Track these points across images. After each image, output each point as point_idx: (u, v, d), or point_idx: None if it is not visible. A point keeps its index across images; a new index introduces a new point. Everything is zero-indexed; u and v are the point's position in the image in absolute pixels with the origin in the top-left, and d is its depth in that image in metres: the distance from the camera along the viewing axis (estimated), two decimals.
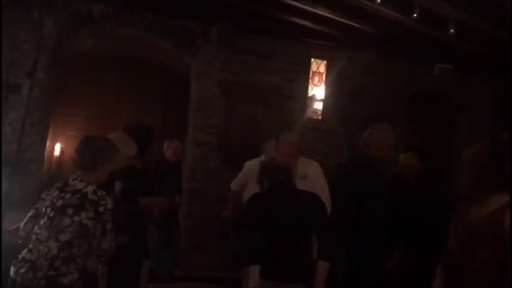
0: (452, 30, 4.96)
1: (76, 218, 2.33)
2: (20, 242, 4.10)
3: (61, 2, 5.13)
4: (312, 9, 5.27)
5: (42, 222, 2.39)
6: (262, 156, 3.71)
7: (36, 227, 2.40)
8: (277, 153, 3.27)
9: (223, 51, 5.81)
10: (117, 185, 3.12)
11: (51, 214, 2.37)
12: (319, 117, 6.31)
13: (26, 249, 2.39)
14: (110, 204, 2.43)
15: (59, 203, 2.38)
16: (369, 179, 3.01)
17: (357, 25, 5.54)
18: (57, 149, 6.16)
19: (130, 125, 3.68)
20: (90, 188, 2.40)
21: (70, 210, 2.35)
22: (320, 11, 5.29)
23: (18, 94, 4.92)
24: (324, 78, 6.35)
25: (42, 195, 2.50)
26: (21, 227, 2.48)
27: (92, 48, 6.01)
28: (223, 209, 4.38)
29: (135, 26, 5.48)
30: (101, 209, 2.38)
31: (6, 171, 4.71)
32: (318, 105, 6.32)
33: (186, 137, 6.00)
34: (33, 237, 2.38)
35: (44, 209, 2.42)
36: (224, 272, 4.54)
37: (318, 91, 6.31)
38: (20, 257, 2.38)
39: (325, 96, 6.30)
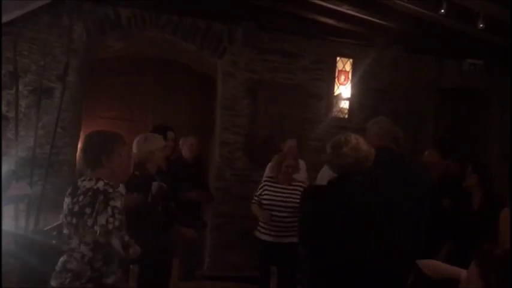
0: (481, 25, 4.85)
1: (95, 215, 2.29)
2: (53, 241, 4.25)
3: (90, 7, 5.25)
4: (337, 8, 5.25)
5: (68, 231, 2.40)
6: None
7: (66, 238, 2.41)
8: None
9: (248, 51, 5.84)
10: (154, 186, 3.18)
11: (74, 221, 2.35)
12: (346, 116, 6.27)
13: (62, 260, 2.39)
14: (121, 189, 2.41)
15: (76, 208, 2.35)
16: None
17: (382, 22, 5.49)
18: None
19: (153, 128, 3.80)
20: (100, 183, 2.36)
21: (88, 210, 2.31)
22: (345, 9, 5.27)
23: (50, 98, 5.07)
24: (350, 76, 6.30)
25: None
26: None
27: (120, 51, 6.13)
28: (250, 208, 4.41)
29: (161, 28, 5.56)
30: (112, 202, 2.30)
31: (41, 174, 4.86)
32: (344, 104, 6.28)
33: (213, 137, 6.06)
34: (66, 247, 2.40)
35: (64, 219, 2.42)
36: (252, 270, 4.57)
37: (344, 90, 6.27)
38: (58, 268, 2.39)
39: (352, 94, 6.26)
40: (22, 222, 4.57)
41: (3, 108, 4.93)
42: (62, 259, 2.40)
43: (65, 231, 2.42)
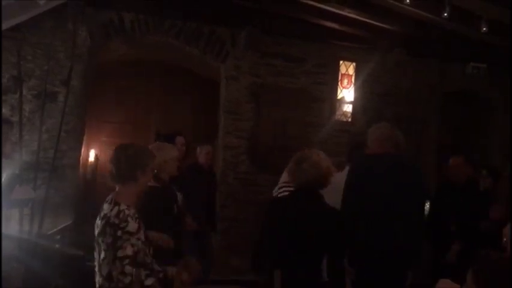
0: (484, 28, 4.84)
1: (105, 247, 2.14)
2: (57, 245, 4.25)
3: (94, 12, 5.27)
4: (339, 11, 5.25)
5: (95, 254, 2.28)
6: None
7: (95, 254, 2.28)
8: None
9: (251, 55, 5.86)
10: (179, 196, 3.17)
11: (95, 244, 2.24)
12: (349, 120, 6.27)
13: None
14: (131, 227, 2.14)
15: (96, 232, 2.22)
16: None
17: (385, 26, 5.49)
18: (92, 155, 6.33)
19: (163, 134, 3.79)
20: (114, 211, 2.18)
21: (100, 240, 2.16)
22: (348, 13, 5.27)
23: (54, 102, 5.09)
24: (353, 80, 6.30)
25: None
26: None
27: (123, 55, 6.16)
28: (254, 211, 4.41)
29: (164, 32, 5.58)
30: (119, 232, 2.11)
31: (44, 178, 4.88)
32: (348, 108, 6.28)
33: (216, 141, 6.07)
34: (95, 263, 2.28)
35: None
36: (256, 275, 4.55)
37: (347, 93, 6.27)
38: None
39: (355, 98, 6.26)
40: (26, 226, 4.58)
41: (7, 113, 4.95)
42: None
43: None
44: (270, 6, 5.44)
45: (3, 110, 4.91)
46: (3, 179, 4.12)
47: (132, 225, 2.15)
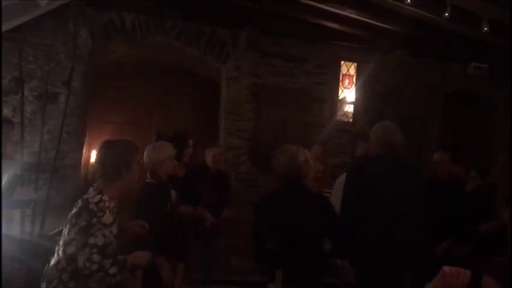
0: (486, 28, 4.84)
1: (76, 229, 2.17)
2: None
3: (95, 12, 5.28)
4: (340, 11, 5.25)
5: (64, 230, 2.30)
6: None
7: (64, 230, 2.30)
8: None
9: (252, 56, 5.86)
10: (173, 194, 3.19)
11: (67, 224, 2.26)
12: (350, 120, 6.27)
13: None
14: (106, 218, 2.20)
15: (72, 211, 2.26)
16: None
17: (386, 26, 5.49)
18: (93, 156, 6.33)
19: (165, 134, 3.80)
20: (96, 198, 2.24)
21: (74, 220, 2.19)
22: (348, 13, 5.27)
23: (55, 103, 5.10)
24: (354, 80, 6.30)
25: None
26: None
27: (124, 56, 6.16)
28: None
29: (165, 33, 5.59)
30: (94, 220, 2.16)
31: (45, 178, 4.88)
32: (349, 108, 6.29)
33: (217, 142, 6.07)
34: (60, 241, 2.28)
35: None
36: (257, 275, 4.55)
37: (348, 94, 6.27)
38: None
39: (356, 98, 6.26)
40: (27, 226, 4.59)
41: (9, 113, 4.96)
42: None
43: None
44: (270, 6, 5.44)
45: (5, 111, 4.92)
46: (4, 180, 4.13)
47: (108, 217, 2.21)
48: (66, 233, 2.23)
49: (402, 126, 3.43)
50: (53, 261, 2.26)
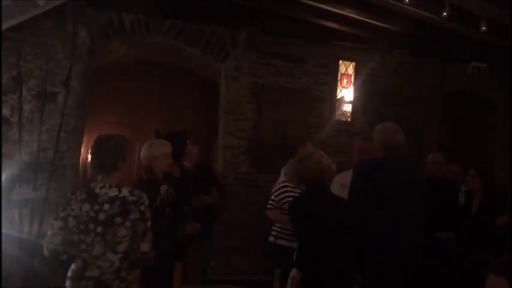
0: (484, 28, 4.84)
1: (128, 224, 2.30)
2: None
3: (94, 12, 5.27)
4: (339, 11, 5.25)
5: (88, 239, 2.29)
6: None
7: (83, 245, 2.29)
8: None
9: (251, 56, 5.85)
10: (163, 189, 3.19)
11: (99, 229, 2.28)
12: (349, 119, 6.27)
13: (78, 267, 2.30)
14: (147, 201, 2.39)
15: (102, 216, 2.29)
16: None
17: (385, 26, 5.49)
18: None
19: (164, 133, 3.79)
20: (124, 191, 2.35)
21: (119, 220, 2.30)
22: (348, 13, 5.27)
23: (54, 103, 5.09)
24: (352, 80, 6.30)
25: (64, 206, 2.33)
26: (48, 239, 2.31)
27: (123, 56, 6.15)
28: (254, 212, 4.39)
29: (164, 33, 5.58)
30: (142, 207, 2.34)
31: (44, 178, 4.88)
32: (347, 107, 6.28)
33: (217, 142, 6.06)
34: (85, 255, 2.29)
35: (75, 224, 2.29)
36: (256, 274, 4.56)
37: (346, 93, 6.27)
38: (75, 275, 2.30)
39: (354, 98, 6.25)
40: (26, 226, 4.58)
41: (7, 113, 4.95)
42: (77, 266, 2.30)
43: (76, 237, 2.30)
44: (270, 6, 5.44)
45: (4, 111, 4.91)
46: (3, 180, 4.12)
47: (147, 200, 2.39)
48: (100, 240, 2.28)
49: (402, 126, 3.43)
50: (97, 269, 2.28)
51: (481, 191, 3.95)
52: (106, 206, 2.30)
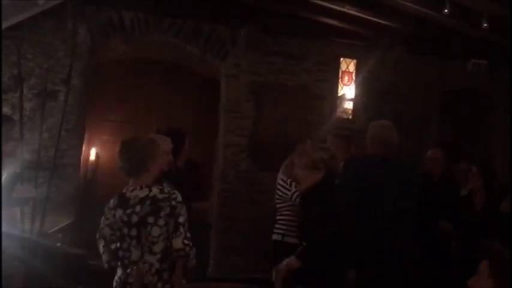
0: (485, 25, 4.83)
1: (160, 222, 2.26)
2: (58, 244, 4.26)
3: (93, 11, 5.27)
4: (340, 8, 5.25)
5: (125, 245, 2.30)
6: None
7: (120, 252, 2.31)
8: None
9: (251, 54, 5.85)
10: (165, 187, 3.19)
11: (133, 232, 2.27)
12: (350, 117, 6.26)
13: (120, 275, 2.31)
14: (179, 197, 2.32)
15: (134, 218, 2.27)
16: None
17: (386, 23, 5.48)
18: (93, 154, 6.33)
19: (163, 129, 3.77)
20: (155, 190, 2.32)
21: (151, 219, 2.26)
22: (348, 10, 5.26)
23: (55, 101, 5.10)
24: (353, 77, 6.29)
25: (102, 219, 2.36)
26: (103, 259, 2.37)
27: (123, 54, 6.15)
28: (255, 210, 4.40)
29: (164, 31, 5.58)
30: (173, 202, 2.28)
31: (45, 176, 4.88)
32: (348, 105, 6.28)
33: (217, 140, 6.06)
34: (125, 261, 2.29)
35: (111, 232, 2.32)
36: (256, 273, 4.56)
37: (347, 90, 6.26)
38: (115, 284, 2.32)
39: (355, 95, 6.25)
40: (27, 224, 4.59)
41: (8, 111, 4.96)
42: (119, 274, 2.31)
43: (113, 245, 2.32)
44: (270, 4, 5.43)
45: (4, 109, 4.92)
46: (4, 178, 4.13)
47: (179, 196, 2.33)
48: (136, 243, 2.27)
49: (402, 123, 3.45)
50: (136, 275, 2.26)
51: (483, 188, 3.93)
52: (137, 208, 2.28)
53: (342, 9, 5.24)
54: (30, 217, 4.63)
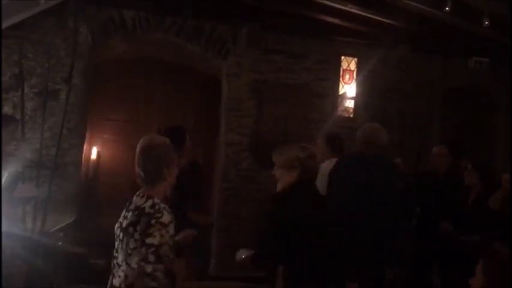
0: (486, 23, 4.82)
1: (137, 237, 2.14)
2: (60, 243, 4.26)
3: (94, 9, 5.27)
4: (341, 6, 5.24)
5: (116, 244, 2.28)
6: None
7: (114, 251, 2.29)
8: None
9: (252, 52, 5.84)
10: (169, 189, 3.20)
11: (121, 236, 2.24)
12: (351, 115, 6.26)
13: (110, 275, 2.30)
14: (165, 218, 2.16)
15: (124, 223, 2.25)
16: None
17: (387, 21, 5.47)
18: (94, 153, 6.33)
19: (164, 128, 3.77)
20: (148, 203, 2.21)
21: (131, 229, 2.18)
22: (349, 8, 5.25)
23: (56, 100, 5.10)
24: (354, 75, 6.28)
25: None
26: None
27: (124, 53, 6.15)
28: (255, 209, 4.40)
29: (165, 30, 5.58)
30: (153, 221, 2.14)
31: (46, 175, 4.89)
32: (349, 103, 6.27)
33: (218, 138, 6.06)
34: (114, 261, 2.27)
35: (116, 230, 2.31)
36: (258, 271, 4.55)
37: (348, 89, 6.25)
38: (108, 285, 2.29)
39: (356, 94, 6.24)
40: (28, 223, 4.60)
41: (9, 111, 4.96)
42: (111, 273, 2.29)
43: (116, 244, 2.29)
44: (270, 3, 5.42)
45: (5, 108, 4.92)
46: (5, 177, 4.13)
47: (167, 217, 2.17)
48: (124, 246, 2.20)
49: (404, 122, 3.47)
50: (117, 278, 2.22)
51: (478, 185, 3.96)
52: (129, 214, 2.25)
53: (343, 7, 5.23)
54: (31, 216, 4.64)
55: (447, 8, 4.65)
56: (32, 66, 5.06)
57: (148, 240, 2.10)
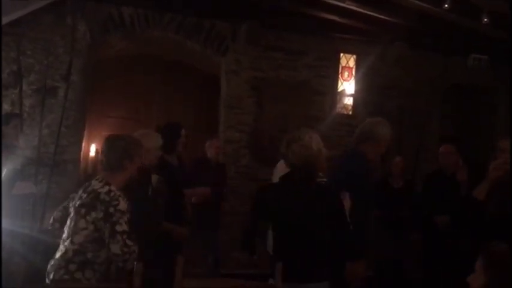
0: (485, 20, 4.81)
1: (88, 218, 2.28)
2: (58, 240, 4.24)
3: (93, 7, 5.25)
4: (340, 3, 5.23)
5: (67, 222, 2.41)
6: None
7: (65, 227, 2.41)
8: None
9: (251, 50, 5.83)
10: (154, 178, 3.21)
11: (72, 214, 2.37)
12: (350, 112, 6.25)
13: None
14: (122, 206, 2.30)
15: (78, 202, 2.36)
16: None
17: (386, 18, 5.46)
18: (93, 150, 6.33)
19: (159, 124, 3.86)
20: (105, 188, 2.33)
21: (83, 210, 2.31)
22: (348, 5, 5.24)
23: (54, 97, 5.09)
24: (353, 73, 6.28)
25: (72, 195, 2.52)
26: (53, 215, 2.55)
27: (122, 50, 6.14)
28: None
29: (164, 27, 5.56)
30: (111, 209, 2.27)
31: (45, 172, 4.88)
32: (348, 100, 6.27)
33: (217, 134, 6.05)
34: (62, 235, 2.39)
35: (70, 209, 2.44)
36: (259, 268, 4.55)
37: (347, 86, 6.25)
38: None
39: (355, 91, 6.24)
40: (27, 221, 4.59)
41: (8, 108, 4.95)
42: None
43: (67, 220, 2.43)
44: (270, 0, 5.41)
45: (4, 106, 4.91)
46: (4, 174, 4.13)
47: (123, 205, 2.31)
48: (72, 224, 2.33)
49: (403, 119, 3.45)
50: (59, 252, 2.35)
51: (468, 182, 3.96)
52: (84, 195, 2.36)
53: (342, 4, 5.22)
54: (30, 213, 4.63)
55: (446, 5, 4.64)
56: (30, 64, 5.05)
57: (118, 228, 2.25)
